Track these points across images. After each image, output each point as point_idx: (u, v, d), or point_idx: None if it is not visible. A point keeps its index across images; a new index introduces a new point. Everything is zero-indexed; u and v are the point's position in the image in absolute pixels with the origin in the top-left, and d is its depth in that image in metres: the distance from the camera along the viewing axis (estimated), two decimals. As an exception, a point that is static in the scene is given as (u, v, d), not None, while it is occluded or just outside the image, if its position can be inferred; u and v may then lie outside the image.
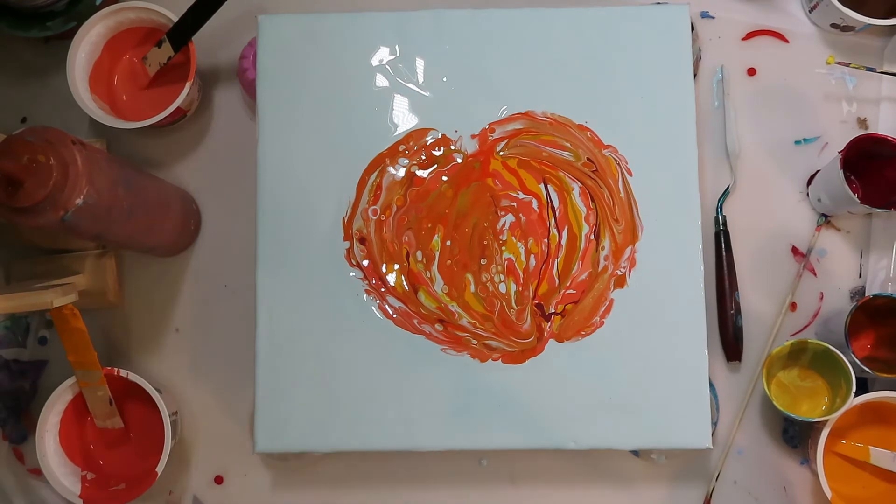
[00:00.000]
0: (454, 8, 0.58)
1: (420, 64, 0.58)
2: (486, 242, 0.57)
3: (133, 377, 0.61)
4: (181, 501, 0.66)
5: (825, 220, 0.66)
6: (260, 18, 0.59)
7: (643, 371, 0.56)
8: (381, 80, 0.58)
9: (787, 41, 0.69)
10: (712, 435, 0.57)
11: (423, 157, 0.57)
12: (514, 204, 0.57)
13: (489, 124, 0.58)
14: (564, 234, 0.57)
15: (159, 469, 0.61)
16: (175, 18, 0.64)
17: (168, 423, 0.61)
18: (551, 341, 0.56)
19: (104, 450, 0.65)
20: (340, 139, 0.58)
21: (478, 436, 0.55)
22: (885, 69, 0.67)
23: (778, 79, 0.68)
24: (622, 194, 0.58)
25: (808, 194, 0.67)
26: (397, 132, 0.58)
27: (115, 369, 0.61)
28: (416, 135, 0.58)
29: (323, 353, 0.56)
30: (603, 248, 0.57)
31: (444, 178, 0.57)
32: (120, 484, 0.63)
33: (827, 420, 0.60)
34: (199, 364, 0.67)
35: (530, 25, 0.58)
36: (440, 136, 0.58)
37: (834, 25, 0.67)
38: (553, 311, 0.56)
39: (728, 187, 0.67)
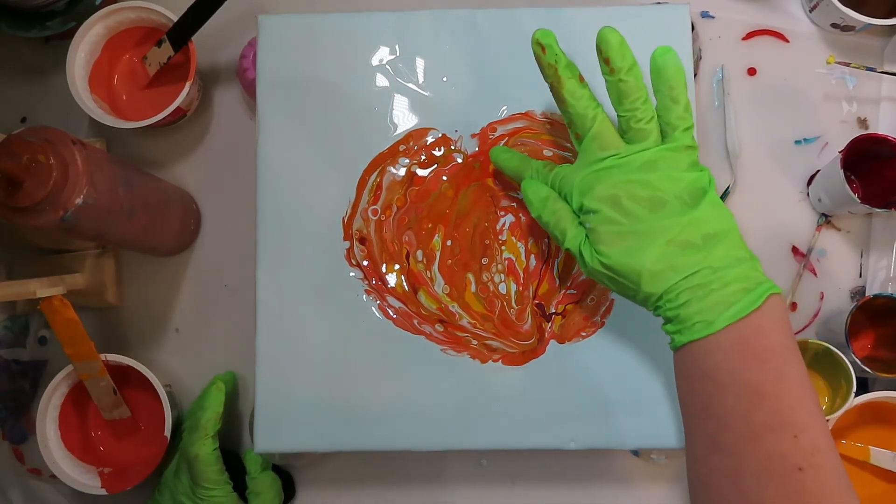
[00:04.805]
0: (454, 8, 0.58)
1: (420, 64, 0.58)
2: (487, 242, 0.57)
3: (112, 357, 0.61)
4: (181, 501, 0.66)
5: (825, 220, 0.66)
6: (260, 18, 0.59)
7: (644, 371, 0.55)
8: (381, 80, 0.58)
9: (787, 41, 0.69)
10: (712, 435, 0.57)
11: (423, 157, 0.57)
12: (514, 204, 0.57)
13: (489, 124, 0.58)
14: (564, 234, 0.57)
15: (167, 434, 0.62)
16: (175, 18, 0.64)
17: (162, 391, 0.61)
18: (552, 342, 0.56)
19: (114, 443, 0.66)
20: (340, 139, 0.57)
21: (478, 436, 0.55)
22: (885, 69, 0.67)
23: (778, 79, 0.68)
24: (622, 194, 0.58)
25: (808, 194, 0.67)
26: (397, 132, 0.58)
27: (101, 355, 0.61)
28: (416, 134, 0.58)
29: (323, 354, 0.56)
30: (603, 248, 0.57)
31: (444, 178, 0.57)
32: (135, 467, 0.64)
33: (827, 420, 0.60)
34: (199, 364, 0.67)
35: (530, 25, 0.58)
36: (440, 135, 0.58)
37: (834, 25, 0.67)
38: (554, 311, 0.56)
39: (728, 187, 0.67)
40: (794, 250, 0.67)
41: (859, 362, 0.60)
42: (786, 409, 0.41)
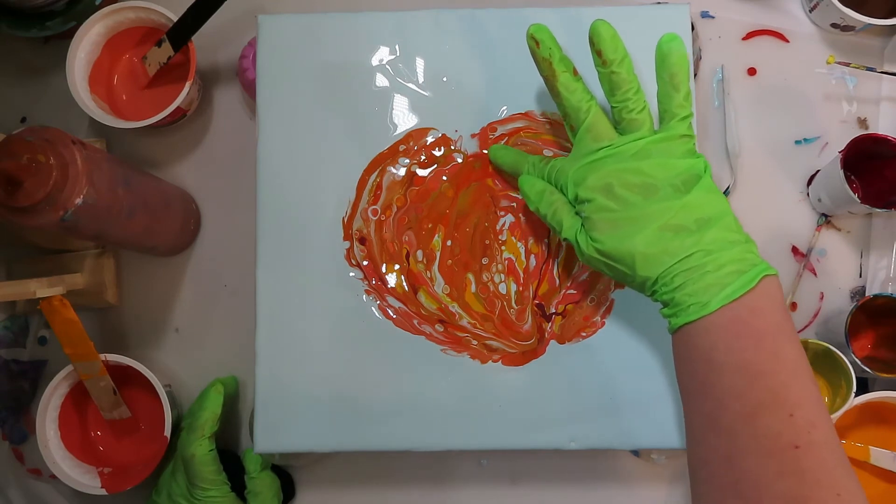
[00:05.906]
0: (454, 8, 0.58)
1: (420, 64, 0.58)
2: (487, 242, 0.57)
3: (113, 357, 0.61)
4: (181, 501, 0.66)
5: (825, 220, 0.66)
6: (260, 18, 0.58)
7: (644, 371, 0.55)
8: (381, 80, 0.58)
9: (787, 41, 0.69)
10: (712, 435, 0.57)
11: (423, 157, 0.57)
12: (514, 204, 0.57)
13: (489, 124, 0.58)
14: (564, 234, 0.57)
15: (167, 433, 0.61)
16: (175, 18, 0.64)
17: (162, 391, 0.61)
18: (552, 342, 0.56)
19: (114, 443, 0.66)
20: (340, 139, 0.57)
21: (478, 436, 0.55)
22: (885, 69, 0.67)
23: (778, 79, 0.68)
24: (622, 194, 0.58)
25: (808, 194, 0.67)
26: (397, 132, 0.58)
27: (101, 355, 0.61)
28: (416, 134, 0.58)
29: (323, 354, 0.56)
30: (603, 248, 0.57)
31: (444, 178, 0.57)
32: (136, 467, 0.64)
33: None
34: (199, 364, 0.67)
35: (530, 25, 0.58)
36: (440, 135, 0.58)
37: (834, 25, 0.67)
38: (554, 311, 0.56)
39: (728, 187, 0.67)
40: (794, 250, 0.67)
41: (859, 362, 0.60)
42: (781, 387, 0.41)
